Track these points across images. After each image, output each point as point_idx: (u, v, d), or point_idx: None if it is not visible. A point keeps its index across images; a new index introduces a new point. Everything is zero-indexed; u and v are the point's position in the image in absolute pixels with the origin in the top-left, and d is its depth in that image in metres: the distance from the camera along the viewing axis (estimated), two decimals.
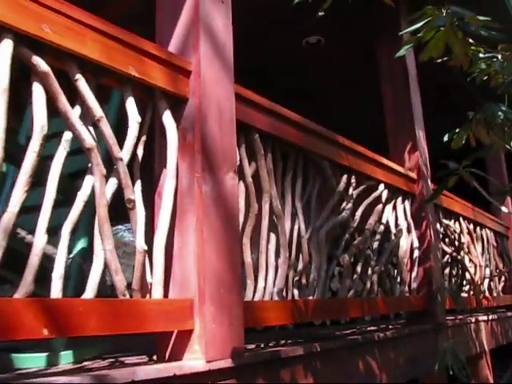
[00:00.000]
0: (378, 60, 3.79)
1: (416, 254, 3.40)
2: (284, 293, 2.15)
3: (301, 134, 2.37)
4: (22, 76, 1.41)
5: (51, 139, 1.44)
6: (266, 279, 2.05)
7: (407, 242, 3.29)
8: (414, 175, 3.52)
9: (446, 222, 4.08)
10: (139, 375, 1.41)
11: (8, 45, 1.32)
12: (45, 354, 1.72)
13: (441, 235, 3.96)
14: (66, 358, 1.77)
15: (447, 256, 4.05)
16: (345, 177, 2.71)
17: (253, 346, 2.16)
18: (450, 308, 3.74)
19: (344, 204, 2.65)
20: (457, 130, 2.65)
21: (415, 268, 3.40)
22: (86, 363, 1.77)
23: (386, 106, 3.76)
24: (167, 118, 1.73)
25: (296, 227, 2.30)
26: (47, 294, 1.34)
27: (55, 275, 1.35)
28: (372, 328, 3.20)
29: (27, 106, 2.41)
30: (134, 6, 3.66)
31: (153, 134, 1.77)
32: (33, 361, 1.69)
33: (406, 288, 3.25)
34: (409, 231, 3.35)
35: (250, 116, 2.05)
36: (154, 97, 1.73)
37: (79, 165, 1.67)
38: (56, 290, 1.35)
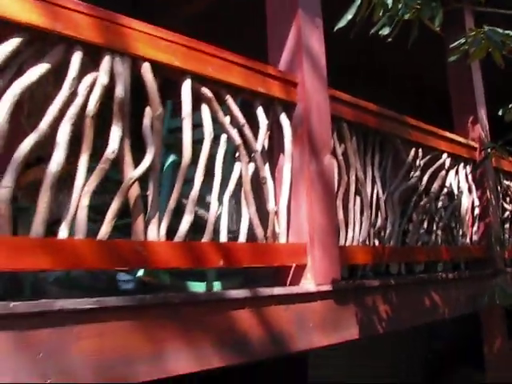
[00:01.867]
0: (446, 46, 4.36)
1: (476, 211, 4.03)
2: (367, 242, 2.87)
3: (377, 119, 3.06)
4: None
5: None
6: (353, 231, 2.78)
7: (468, 201, 3.93)
8: (474, 144, 4.13)
9: (506, 182, 4.66)
10: (275, 291, 2.20)
11: (188, 83, 2.08)
12: (204, 283, 2.52)
13: (501, 194, 4.54)
14: (217, 286, 2.57)
15: (507, 212, 4.64)
16: (413, 150, 3.38)
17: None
18: (510, 258, 4.36)
19: (413, 172, 3.32)
20: (510, 106, 3.24)
21: (476, 223, 4.04)
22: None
23: (451, 85, 4.35)
24: (283, 118, 2.47)
25: (375, 191, 3.00)
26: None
27: (223, 228, 2.14)
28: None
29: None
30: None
31: (272, 130, 2.51)
32: (198, 287, 2.49)
33: (468, 240, 3.90)
34: (470, 192, 3.98)
35: (339, 110, 2.76)
36: (274, 104, 2.47)
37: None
38: (223, 236, 2.13)
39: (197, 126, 2.13)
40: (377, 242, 2.95)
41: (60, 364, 1.55)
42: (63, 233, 1.65)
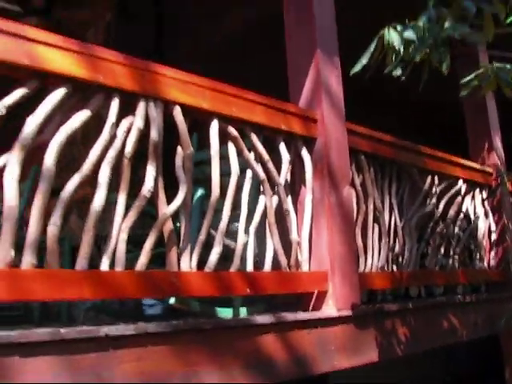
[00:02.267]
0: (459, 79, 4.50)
1: (494, 236, 4.13)
2: (385, 267, 3.00)
3: (393, 149, 3.20)
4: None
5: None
6: (372, 257, 2.91)
7: (485, 225, 4.04)
8: (490, 169, 4.24)
9: None
10: (298, 317, 2.33)
11: (215, 123, 2.25)
12: (231, 309, 2.66)
13: None
14: (243, 312, 2.71)
15: None
16: (429, 177, 3.51)
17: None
18: None
19: (429, 199, 3.45)
20: None
21: (494, 248, 4.14)
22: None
23: (466, 113, 4.48)
24: (304, 153, 2.62)
25: (393, 219, 3.14)
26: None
27: (249, 257, 2.29)
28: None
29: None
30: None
31: (294, 163, 2.66)
32: (225, 312, 2.64)
33: (486, 264, 4.00)
34: (486, 216, 4.09)
35: (356, 142, 2.91)
36: (295, 139, 2.62)
37: None
38: (250, 266, 2.28)
39: (222, 157, 2.29)
40: (395, 268, 3.08)
41: None
42: (105, 265, 1.82)
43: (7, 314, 3.31)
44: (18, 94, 1.74)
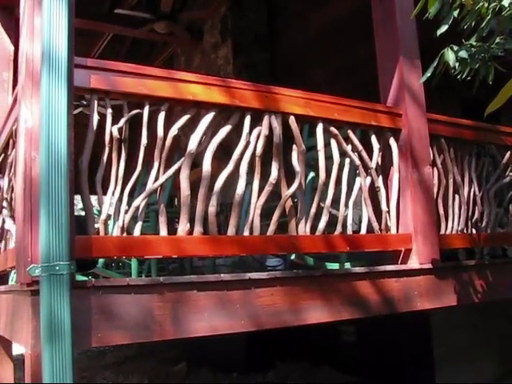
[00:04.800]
0: None
1: None
2: (464, 231, 3.65)
3: (473, 131, 3.81)
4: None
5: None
6: (453, 222, 3.58)
7: None
8: None
9: None
10: (387, 268, 3.09)
11: (320, 126, 3.02)
12: (338, 264, 3.46)
13: None
14: (347, 266, 3.50)
15: None
16: (508, 153, 4.07)
17: None
18: None
19: (507, 172, 4.03)
20: None
21: None
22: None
23: None
24: (391, 141, 3.34)
25: (472, 190, 3.77)
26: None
27: (349, 224, 3.06)
28: None
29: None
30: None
31: (384, 150, 3.37)
32: (333, 266, 3.44)
33: None
34: None
35: (436, 128, 3.56)
36: (384, 131, 3.34)
37: None
38: (349, 230, 3.06)
39: (326, 144, 3.05)
40: (474, 231, 3.72)
41: (249, 312, 2.57)
42: (246, 232, 2.68)
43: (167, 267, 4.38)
44: (184, 119, 2.62)
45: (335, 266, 3.46)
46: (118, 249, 2.38)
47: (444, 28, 2.44)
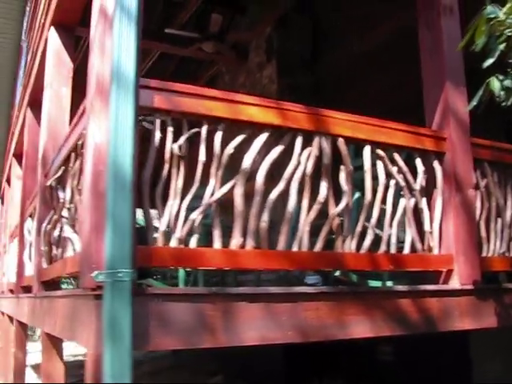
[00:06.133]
0: None
1: None
2: (506, 254, 3.71)
3: None
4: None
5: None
6: (495, 245, 3.64)
7: None
8: None
9: None
10: (429, 288, 3.18)
11: (368, 148, 3.13)
12: (380, 282, 3.55)
13: None
14: (389, 283, 3.58)
15: None
16: None
17: None
18: None
19: None
20: None
21: None
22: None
23: None
24: (435, 164, 3.43)
25: None
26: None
27: (393, 243, 3.16)
28: None
29: None
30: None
31: (428, 172, 3.46)
32: (376, 283, 3.53)
33: None
34: None
35: (480, 153, 3.64)
36: (428, 154, 3.43)
37: None
38: (393, 249, 3.15)
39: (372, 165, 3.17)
40: None
41: (295, 324, 2.68)
42: (295, 248, 2.80)
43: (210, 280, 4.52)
44: (239, 138, 2.77)
45: (378, 283, 3.56)
46: (175, 259, 2.53)
47: (490, 61, 2.53)
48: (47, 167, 4.23)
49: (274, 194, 2.79)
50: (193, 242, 2.60)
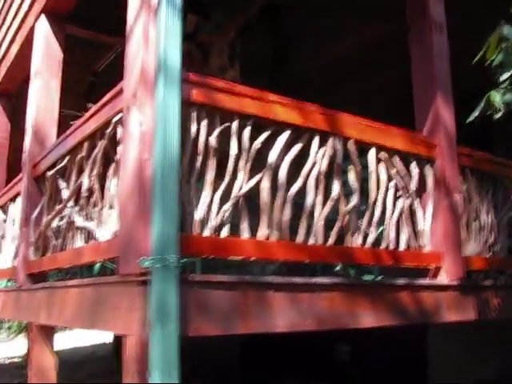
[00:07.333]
0: None
1: None
2: (483, 254, 4.02)
3: (490, 165, 4.20)
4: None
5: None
6: (473, 246, 3.93)
7: None
8: None
9: None
10: (423, 282, 3.42)
11: (373, 150, 3.34)
12: (372, 276, 3.77)
13: None
14: (378, 278, 3.80)
15: None
16: None
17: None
18: None
19: None
20: None
21: None
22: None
23: None
24: (427, 169, 3.68)
25: (489, 217, 4.14)
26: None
27: (392, 241, 3.38)
28: None
29: None
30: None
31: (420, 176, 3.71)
32: (368, 277, 3.74)
33: None
34: None
35: (464, 160, 3.93)
36: (421, 159, 3.68)
37: None
38: (392, 246, 3.37)
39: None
40: (488, 255, 4.09)
41: (313, 312, 2.84)
42: (312, 240, 2.96)
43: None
44: (264, 135, 2.91)
45: (370, 277, 3.77)
46: (211, 248, 2.63)
47: (507, 75, 2.79)
48: (37, 158, 4.21)
49: (293, 189, 2.94)
50: (224, 232, 2.71)
